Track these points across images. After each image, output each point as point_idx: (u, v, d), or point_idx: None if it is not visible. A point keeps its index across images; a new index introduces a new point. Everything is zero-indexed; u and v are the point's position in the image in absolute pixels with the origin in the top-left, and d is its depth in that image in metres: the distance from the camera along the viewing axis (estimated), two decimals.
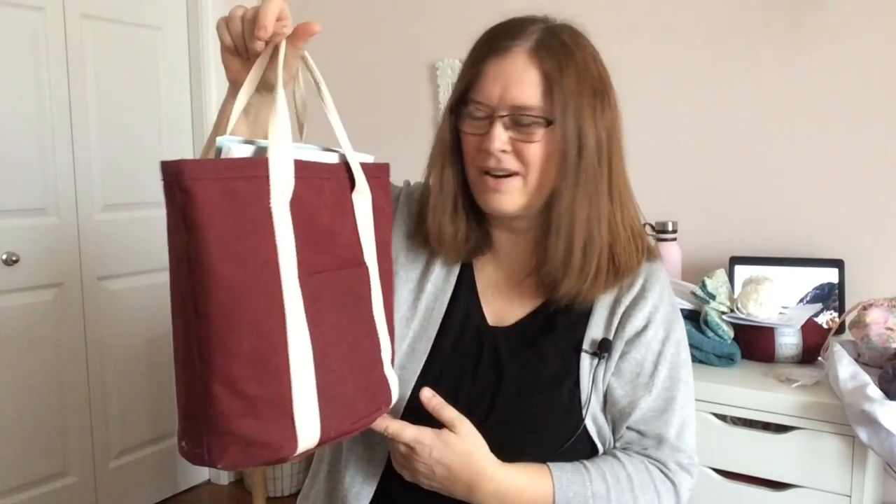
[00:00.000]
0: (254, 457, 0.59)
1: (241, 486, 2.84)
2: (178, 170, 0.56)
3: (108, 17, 2.43)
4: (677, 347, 0.91)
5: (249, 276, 0.58)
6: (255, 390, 0.58)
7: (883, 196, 1.80)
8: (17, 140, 2.21)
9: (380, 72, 2.58)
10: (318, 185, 0.67)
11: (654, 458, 0.90)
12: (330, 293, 0.66)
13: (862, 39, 1.79)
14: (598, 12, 2.05)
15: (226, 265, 0.57)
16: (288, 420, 0.60)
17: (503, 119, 0.82)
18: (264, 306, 0.59)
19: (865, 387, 1.28)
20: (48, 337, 2.32)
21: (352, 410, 0.67)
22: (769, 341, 1.60)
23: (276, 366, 0.60)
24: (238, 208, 0.58)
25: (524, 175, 0.84)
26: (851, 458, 1.34)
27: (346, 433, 0.67)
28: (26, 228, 2.25)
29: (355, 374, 0.68)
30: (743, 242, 1.93)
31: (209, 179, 0.57)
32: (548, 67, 0.82)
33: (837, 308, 1.75)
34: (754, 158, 1.94)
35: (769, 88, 1.91)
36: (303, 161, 0.65)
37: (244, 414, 0.58)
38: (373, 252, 0.74)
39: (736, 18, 1.94)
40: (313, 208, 0.65)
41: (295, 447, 0.61)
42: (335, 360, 0.65)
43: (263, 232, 0.60)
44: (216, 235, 0.57)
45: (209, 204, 0.56)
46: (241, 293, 0.58)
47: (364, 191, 0.73)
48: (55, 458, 2.36)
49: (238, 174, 0.59)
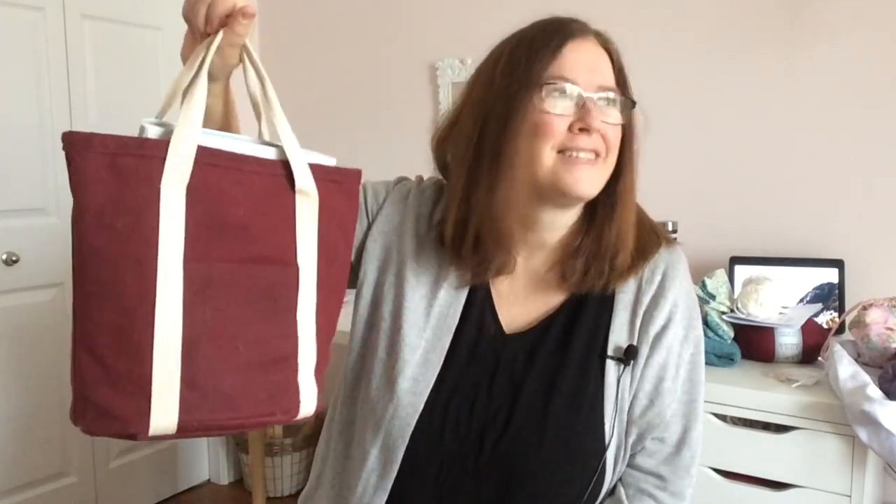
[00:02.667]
0: (107, 427, 0.61)
1: (241, 486, 2.84)
2: (70, 141, 0.59)
3: (108, 17, 2.43)
4: (696, 347, 0.90)
5: (123, 251, 0.60)
6: (114, 362, 0.60)
7: (883, 196, 1.80)
8: (17, 140, 2.20)
9: (380, 72, 2.58)
10: (241, 177, 0.66)
11: (666, 476, 0.89)
12: (229, 284, 0.65)
13: (862, 39, 1.79)
14: (598, 13, 2.05)
15: (98, 236, 0.59)
16: (142, 399, 0.60)
17: (595, 97, 0.82)
18: (134, 284, 0.60)
19: (865, 387, 1.28)
20: (48, 337, 2.32)
21: (228, 406, 0.64)
22: (769, 341, 1.60)
23: (138, 343, 0.60)
24: (122, 184, 0.60)
25: (604, 157, 0.84)
26: (851, 458, 1.34)
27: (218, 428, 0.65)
28: (26, 228, 2.25)
29: (244, 371, 0.66)
30: (743, 242, 1.93)
31: (96, 153, 0.59)
32: (615, 52, 0.87)
33: (837, 308, 1.75)
34: (754, 158, 1.94)
35: (769, 88, 1.91)
36: (220, 150, 0.65)
37: (102, 382, 0.60)
38: (311, 255, 0.71)
39: (736, 18, 1.94)
40: (227, 199, 0.65)
41: (146, 427, 0.61)
42: (216, 349, 0.64)
43: (147, 211, 0.60)
44: (94, 207, 0.59)
45: (91, 176, 0.59)
46: (110, 266, 0.59)
47: (307, 192, 0.70)
48: (55, 458, 2.36)
49: (129, 152, 0.60)
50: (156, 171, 0.61)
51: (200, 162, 0.63)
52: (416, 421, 0.84)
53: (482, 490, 0.84)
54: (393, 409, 0.85)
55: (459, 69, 2.39)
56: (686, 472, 0.89)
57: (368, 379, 0.89)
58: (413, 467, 0.86)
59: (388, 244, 0.92)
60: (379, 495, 0.87)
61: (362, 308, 0.93)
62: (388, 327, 0.89)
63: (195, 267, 0.62)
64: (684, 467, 0.89)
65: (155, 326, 0.60)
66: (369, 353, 0.90)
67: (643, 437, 0.87)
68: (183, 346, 0.62)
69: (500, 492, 0.84)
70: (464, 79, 2.38)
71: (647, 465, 0.89)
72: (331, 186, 0.73)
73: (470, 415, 0.84)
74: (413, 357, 0.86)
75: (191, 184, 0.63)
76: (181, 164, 0.62)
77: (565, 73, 0.81)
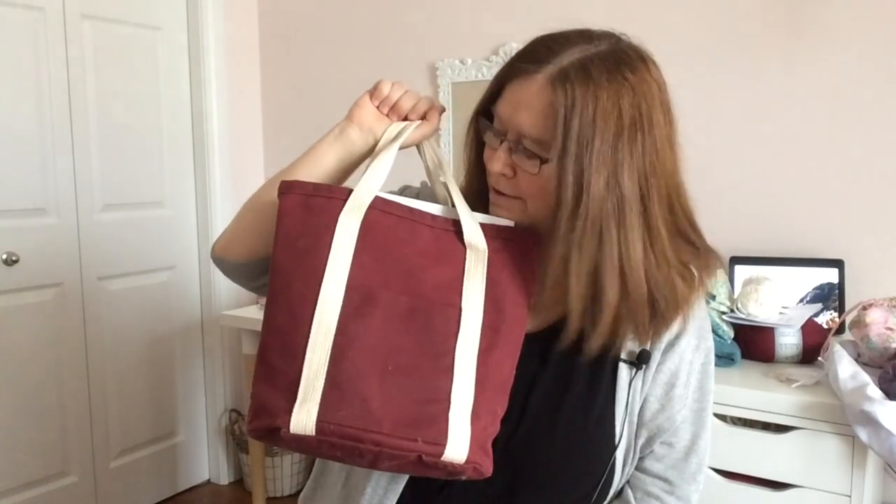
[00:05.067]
0: (259, 421, 0.68)
1: (241, 486, 2.84)
2: (281, 184, 0.76)
3: (108, 17, 2.43)
4: (706, 357, 0.89)
5: (298, 265, 0.71)
6: (274, 360, 0.69)
7: (883, 196, 1.80)
8: (17, 140, 2.20)
9: (380, 72, 2.58)
10: (413, 227, 0.78)
11: (673, 480, 0.89)
12: (387, 309, 0.72)
13: (862, 40, 1.79)
14: (598, 13, 2.05)
15: (283, 255, 0.72)
16: (289, 393, 0.67)
17: (510, 143, 0.80)
18: (300, 291, 0.70)
19: (865, 387, 1.28)
20: (48, 337, 2.32)
21: (368, 416, 0.67)
22: (769, 341, 1.60)
23: (295, 343, 0.68)
24: (310, 216, 0.74)
25: (524, 200, 0.82)
26: (851, 458, 1.34)
27: (355, 439, 0.66)
28: (26, 228, 2.24)
29: (391, 389, 0.68)
30: (743, 242, 1.93)
31: (296, 194, 0.75)
32: (560, 102, 0.74)
33: (837, 308, 1.75)
34: (754, 158, 1.94)
35: (769, 89, 1.91)
36: (402, 204, 0.78)
37: (262, 379, 0.69)
38: (477, 302, 0.76)
39: (736, 19, 1.94)
40: (396, 239, 0.76)
41: (288, 421, 0.66)
42: (361, 359, 0.69)
43: (323, 236, 0.72)
44: (285, 232, 0.73)
45: (288, 209, 0.74)
46: (286, 278, 0.71)
47: (475, 245, 0.79)
48: (55, 458, 2.36)
49: (321, 194, 0.75)
50: (337, 208, 0.74)
51: (377, 207, 0.76)
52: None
53: (491, 487, 0.84)
54: None
55: (459, 69, 2.39)
56: (692, 479, 0.90)
57: None
58: None
59: None
60: (390, 497, 0.87)
61: None
62: None
63: (358, 287, 0.72)
64: (691, 473, 0.89)
65: (311, 328, 0.69)
66: None
67: (653, 440, 0.88)
68: (333, 350, 0.69)
69: (510, 489, 0.84)
70: (464, 79, 2.38)
71: (656, 469, 0.89)
72: (502, 244, 0.81)
73: None
74: None
75: (366, 222, 0.75)
76: (359, 204, 0.75)
77: (498, 111, 0.81)
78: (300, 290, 0.70)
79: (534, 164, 0.78)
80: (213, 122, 2.69)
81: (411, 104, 0.85)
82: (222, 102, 2.70)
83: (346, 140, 0.86)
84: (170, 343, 2.69)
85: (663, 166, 0.79)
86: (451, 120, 2.42)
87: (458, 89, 2.40)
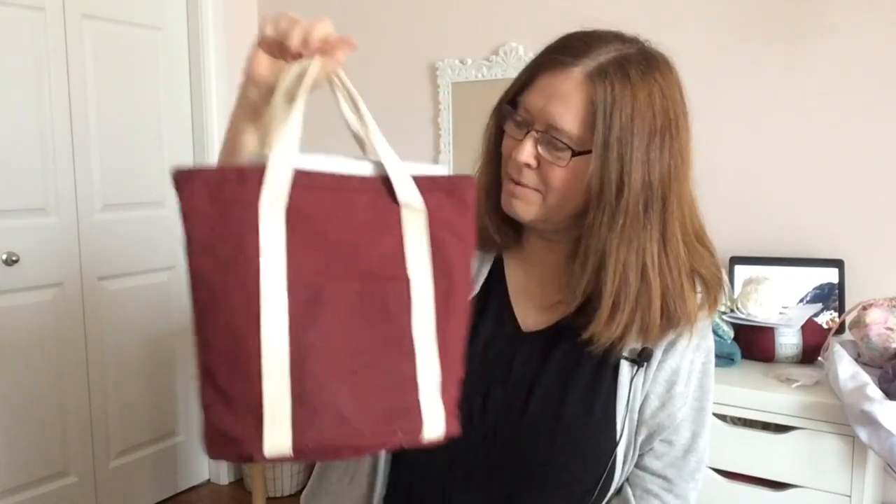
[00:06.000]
0: (226, 450, 0.62)
1: (241, 486, 2.84)
2: (174, 177, 0.61)
3: (108, 17, 2.43)
4: (707, 356, 0.90)
5: (227, 277, 0.61)
6: (228, 385, 0.61)
7: (883, 196, 1.80)
8: (17, 140, 2.20)
9: (380, 72, 2.58)
10: (342, 196, 0.66)
11: (672, 478, 0.89)
12: (338, 303, 0.65)
13: (862, 40, 1.79)
14: (597, 13, 2.05)
15: (205, 266, 0.61)
16: (255, 419, 0.61)
17: (537, 134, 0.80)
18: (240, 307, 0.61)
19: (865, 387, 1.28)
20: (48, 337, 2.32)
21: (343, 426, 0.63)
22: (769, 341, 1.60)
23: (247, 364, 0.61)
24: (224, 212, 0.61)
25: (544, 193, 0.82)
26: (851, 458, 1.34)
27: (335, 450, 0.65)
28: (26, 228, 2.24)
29: (360, 390, 0.65)
30: (743, 242, 1.93)
31: (197, 187, 0.61)
32: (598, 97, 0.76)
33: (837, 308, 1.75)
34: (754, 159, 1.94)
35: (769, 88, 1.91)
36: (324, 172, 0.65)
37: (220, 406, 0.61)
38: (424, 269, 0.69)
39: (736, 19, 1.94)
40: (328, 218, 0.65)
41: (261, 447, 0.61)
42: (324, 368, 0.63)
43: (248, 237, 0.61)
44: (199, 238, 0.61)
45: (194, 209, 0.61)
46: (218, 293, 0.61)
47: (412, 205, 0.69)
48: (55, 458, 2.36)
49: (229, 180, 0.61)
50: (254, 198, 0.62)
51: (299, 185, 0.63)
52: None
53: (493, 483, 0.85)
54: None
55: (459, 69, 2.39)
56: (691, 477, 0.90)
57: None
58: (424, 457, 0.86)
59: None
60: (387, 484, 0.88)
61: None
62: None
63: (301, 287, 0.63)
64: (690, 471, 0.90)
65: (262, 346, 0.61)
66: None
67: (652, 437, 0.88)
68: (291, 365, 0.62)
69: (511, 486, 0.84)
70: (464, 79, 2.38)
71: (655, 467, 0.90)
72: (439, 197, 0.70)
73: (484, 406, 0.85)
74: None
75: (291, 206, 0.63)
76: (278, 188, 0.63)
77: (524, 100, 0.82)
78: (237, 306, 0.61)
79: (562, 157, 0.79)
80: (213, 122, 2.69)
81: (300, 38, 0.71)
82: (222, 102, 2.70)
83: (247, 105, 0.75)
84: (170, 343, 2.69)
85: (684, 172, 0.82)
86: (451, 119, 2.42)
87: (458, 89, 2.40)
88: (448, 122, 2.42)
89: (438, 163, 2.42)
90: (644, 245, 0.79)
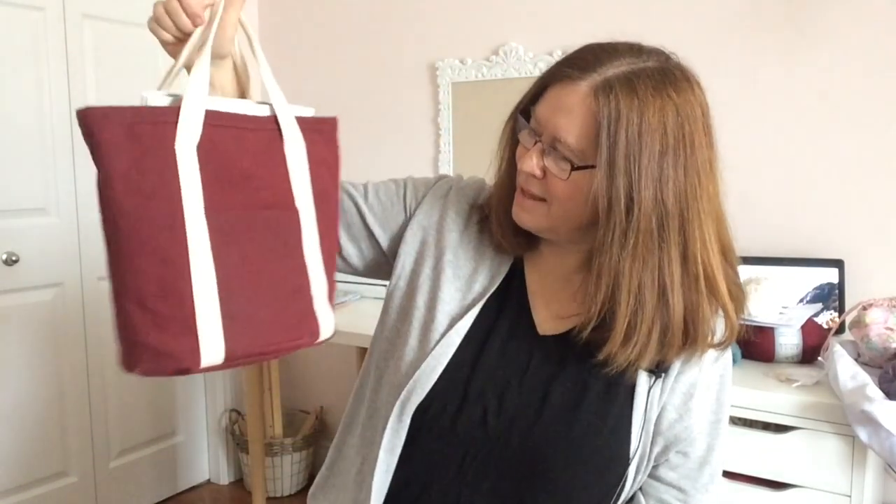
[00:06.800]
0: (163, 366, 0.68)
1: (241, 486, 2.84)
2: (85, 116, 0.65)
3: (108, 17, 2.43)
4: (725, 369, 0.90)
5: (153, 208, 0.67)
6: (162, 307, 0.67)
7: (883, 196, 1.80)
8: (18, 140, 2.20)
9: (380, 72, 2.58)
10: (239, 134, 0.74)
11: (686, 489, 0.89)
12: (245, 229, 0.73)
13: (862, 39, 1.79)
14: (597, 13, 2.05)
15: (129, 199, 0.66)
16: (192, 335, 0.68)
17: (543, 145, 0.80)
18: (168, 236, 0.67)
19: (865, 387, 1.28)
20: (48, 337, 2.32)
21: (263, 335, 0.73)
22: (769, 341, 1.60)
23: (180, 286, 0.68)
24: (142, 149, 0.66)
25: (549, 203, 0.82)
26: (851, 458, 1.34)
27: (258, 354, 0.73)
28: (26, 228, 2.24)
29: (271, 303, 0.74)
30: (743, 242, 1.93)
31: (113, 123, 0.66)
32: (603, 113, 0.75)
33: (837, 308, 1.75)
34: (754, 158, 1.94)
35: (768, 88, 1.91)
36: (222, 112, 0.73)
37: (152, 327, 0.67)
38: (308, 198, 0.79)
39: (735, 18, 1.94)
40: (230, 154, 0.72)
41: (198, 360, 0.68)
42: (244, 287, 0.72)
43: (167, 171, 0.67)
44: (120, 172, 0.65)
45: (113, 145, 0.65)
46: (145, 223, 0.66)
47: (295, 142, 0.79)
48: (55, 458, 2.36)
49: (144, 120, 0.67)
50: (169, 135, 0.68)
51: (206, 124, 0.71)
52: (444, 404, 0.85)
53: (504, 485, 0.85)
54: (412, 384, 0.87)
55: (459, 69, 2.39)
56: (705, 489, 0.90)
57: (397, 366, 0.90)
58: (435, 455, 0.86)
59: (426, 237, 0.94)
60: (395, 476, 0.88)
61: (397, 298, 0.95)
62: (422, 316, 0.91)
63: (216, 216, 0.70)
64: (704, 484, 0.90)
65: (191, 271, 0.68)
66: (400, 341, 0.92)
67: (668, 449, 0.87)
68: (218, 286, 0.70)
69: (522, 488, 0.84)
70: (464, 79, 2.38)
71: (669, 478, 0.89)
72: (314, 135, 0.81)
73: (499, 406, 0.84)
74: (447, 350, 0.88)
75: (200, 143, 0.70)
76: (191, 127, 0.69)
77: (537, 112, 0.82)
78: (166, 234, 0.67)
79: (564, 169, 0.79)
80: None
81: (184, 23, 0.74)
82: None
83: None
84: None
85: (705, 191, 0.80)
86: (450, 119, 2.42)
87: (458, 89, 2.40)
88: (448, 122, 2.42)
89: (439, 162, 2.43)
90: (662, 265, 0.78)
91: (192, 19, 0.73)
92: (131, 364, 0.68)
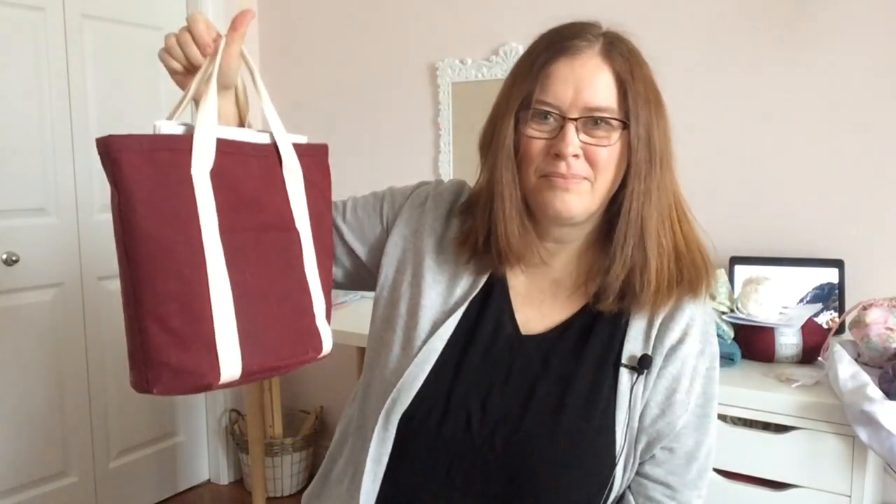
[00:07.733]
0: (183, 383, 0.70)
1: (241, 486, 2.84)
2: (106, 143, 0.68)
3: (108, 17, 2.43)
4: (711, 362, 0.89)
5: (173, 230, 0.70)
6: (181, 326, 0.70)
7: (883, 196, 1.79)
8: (18, 140, 2.20)
9: (380, 72, 2.58)
10: (244, 161, 0.78)
11: (674, 486, 0.88)
12: (254, 250, 0.77)
13: (862, 39, 1.79)
14: (597, 12, 2.05)
15: (150, 221, 0.69)
16: (212, 352, 0.70)
17: (576, 122, 0.80)
18: (187, 256, 0.70)
19: (865, 387, 1.28)
20: (48, 337, 2.32)
21: (275, 351, 0.76)
22: (769, 341, 1.60)
23: (200, 305, 0.71)
24: (161, 175, 0.70)
25: (592, 180, 0.82)
26: (851, 458, 1.34)
27: (270, 369, 0.76)
28: (26, 228, 2.24)
29: (280, 320, 0.78)
30: (743, 242, 1.93)
31: (135, 150, 0.69)
32: (620, 69, 0.81)
33: (837, 308, 1.75)
34: (754, 159, 1.94)
35: (769, 88, 1.91)
36: (229, 140, 0.77)
37: (173, 346, 0.69)
38: (305, 220, 0.84)
39: (736, 19, 1.94)
40: (238, 179, 0.77)
41: (218, 376, 0.71)
42: (256, 305, 0.75)
43: (185, 195, 0.71)
44: (141, 197, 0.69)
45: (134, 170, 0.69)
46: (165, 245, 0.69)
47: (293, 168, 0.83)
48: (55, 458, 2.36)
49: (162, 146, 0.71)
50: (185, 161, 0.72)
51: (217, 150, 0.75)
52: (429, 410, 0.85)
53: (491, 488, 0.84)
54: (396, 392, 0.86)
55: (459, 69, 2.39)
56: (694, 485, 0.89)
57: (382, 374, 0.90)
58: (425, 460, 0.86)
59: (406, 246, 0.94)
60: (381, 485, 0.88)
61: (381, 307, 0.95)
62: (405, 323, 0.91)
63: (228, 238, 0.74)
64: (691, 480, 0.89)
65: (210, 290, 0.71)
66: (385, 350, 0.92)
67: (652, 445, 0.87)
68: (234, 303, 0.73)
69: (509, 491, 0.84)
70: (464, 79, 2.38)
71: (656, 474, 0.89)
72: (307, 161, 0.85)
73: (483, 411, 0.84)
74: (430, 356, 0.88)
75: (212, 169, 0.74)
76: (205, 154, 0.74)
77: (547, 95, 0.81)
78: (186, 255, 0.70)
79: (610, 136, 0.81)
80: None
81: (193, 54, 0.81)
82: None
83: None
84: None
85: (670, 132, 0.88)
86: (451, 119, 2.42)
87: (458, 89, 2.40)
88: (448, 122, 2.42)
89: (439, 162, 2.43)
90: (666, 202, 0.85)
91: (201, 49, 0.79)
92: (149, 384, 0.70)
